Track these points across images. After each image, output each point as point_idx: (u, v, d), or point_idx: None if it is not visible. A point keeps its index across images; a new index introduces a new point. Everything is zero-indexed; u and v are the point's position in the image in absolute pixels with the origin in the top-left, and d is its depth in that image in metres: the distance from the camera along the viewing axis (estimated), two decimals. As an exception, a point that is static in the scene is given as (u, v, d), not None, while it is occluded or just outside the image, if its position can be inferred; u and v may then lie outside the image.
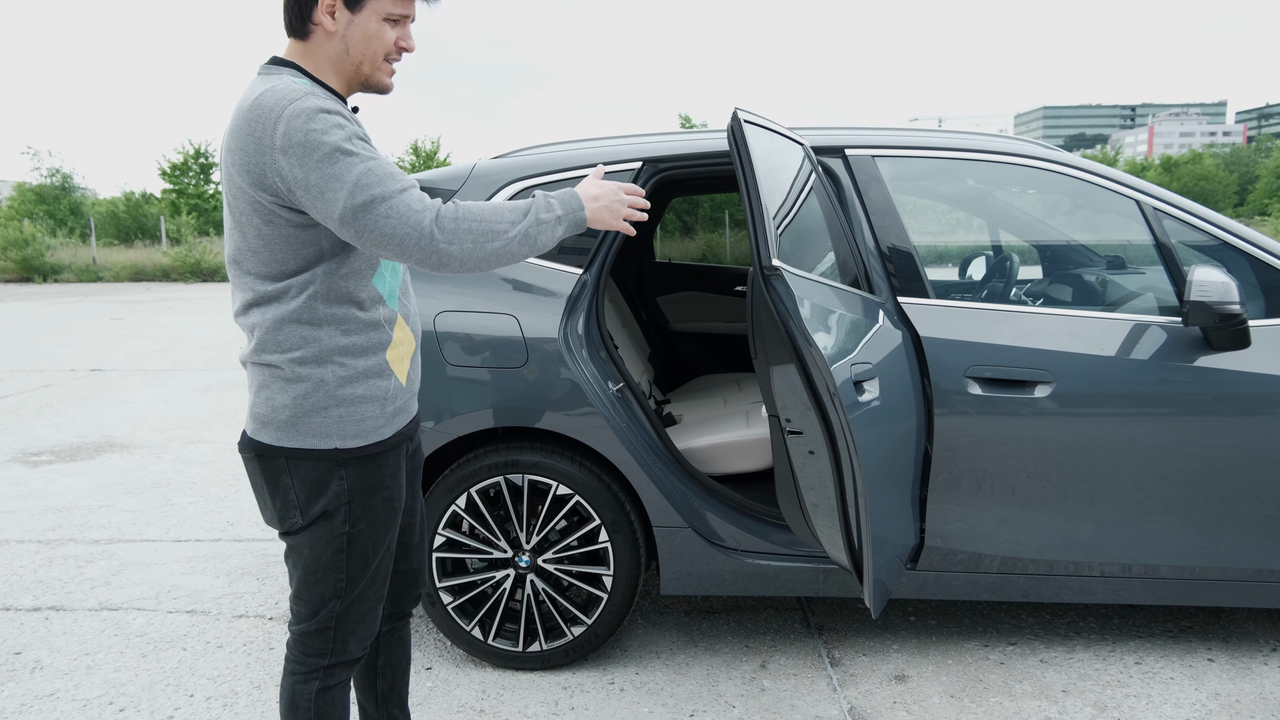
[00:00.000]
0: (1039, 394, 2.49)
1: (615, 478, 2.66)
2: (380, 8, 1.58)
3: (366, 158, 1.50)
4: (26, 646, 2.94)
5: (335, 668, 1.74)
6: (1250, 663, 2.70)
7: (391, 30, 1.61)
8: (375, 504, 1.69)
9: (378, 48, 1.61)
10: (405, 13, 1.61)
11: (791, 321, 2.07)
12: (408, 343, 1.73)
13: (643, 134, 3.02)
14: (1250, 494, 2.49)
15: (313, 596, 1.70)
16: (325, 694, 1.73)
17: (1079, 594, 2.63)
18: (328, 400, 1.61)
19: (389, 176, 1.50)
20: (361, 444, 1.64)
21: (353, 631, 1.73)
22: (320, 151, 1.48)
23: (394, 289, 1.71)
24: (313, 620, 1.71)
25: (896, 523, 2.39)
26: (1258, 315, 2.55)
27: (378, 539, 1.71)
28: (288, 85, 1.53)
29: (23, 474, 5.04)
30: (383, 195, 1.48)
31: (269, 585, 3.42)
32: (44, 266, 24.09)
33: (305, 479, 1.63)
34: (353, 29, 1.58)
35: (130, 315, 14.10)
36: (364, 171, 1.48)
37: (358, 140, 1.52)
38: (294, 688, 1.73)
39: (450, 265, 1.53)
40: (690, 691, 2.62)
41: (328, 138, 1.48)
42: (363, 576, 1.70)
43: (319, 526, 1.65)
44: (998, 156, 2.76)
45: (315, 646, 1.72)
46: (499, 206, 1.53)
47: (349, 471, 1.64)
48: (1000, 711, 2.47)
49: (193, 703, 2.58)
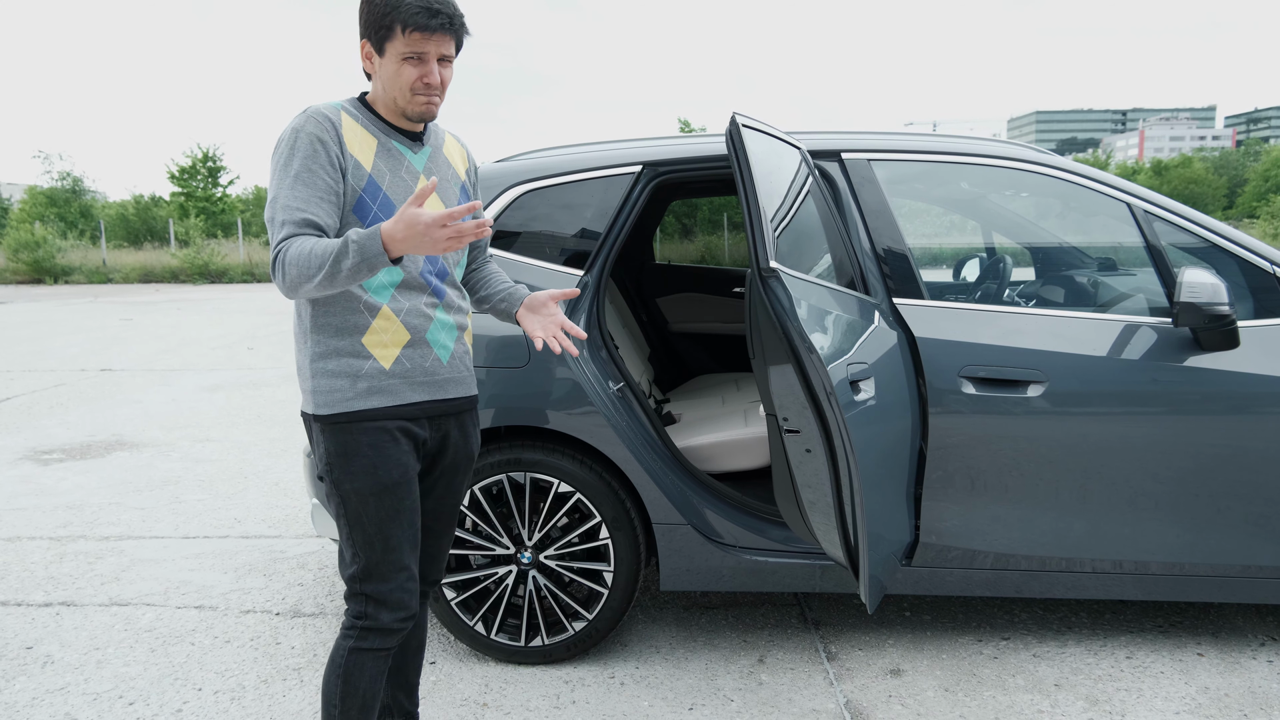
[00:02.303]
0: (1032, 393, 2.53)
1: (616, 476, 2.70)
2: (396, 50, 1.81)
3: (294, 184, 1.75)
4: (38, 641, 2.99)
5: (369, 632, 1.90)
6: (1239, 657, 2.74)
7: (412, 68, 1.82)
8: (354, 469, 1.85)
9: (402, 84, 1.83)
10: (417, 51, 1.80)
11: (789, 322, 2.10)
12: (394, 333, 1.87)
13: (642, 138, 3.05)
14: (1239, 491, 2.53)
15: (344, 558, 1.92)
16: (356, 654, 1.91)
17: (1071, 590, 2.67)
18: (307, 371, 1.87)
19: (283, 209, 1.74)
20: (329, 412, 1.84)
21: (381, 599, 1.89)
22: (276, 161, 1.78)
23: (387, 284, 1.86)
24: (348, 582, 1.91)
25: (892, 520, 2.42)
26: (1246, 316, 2.59)
27: (366, 504, 1.85)
28: (307, 107, 1.84)
29: (34, 472, 5.10)
30: (270, 220, 1.76)
31: (276, 581, 3.47)
32: (55, 268, 24.32)
33: (312, 439, 1.92)
34: (383, 69, 1.84)
35: (139, 316, 14.16)
36: (279, 195, 1.75)
37: (313, 168, 1.76)
38: (338, 642, 1.94)
39: (291, 295, 1.75)
40: (689, 685, 2.66)
41: (283, 152, 1.77)
42: (365, 540, 1.87)
43: (323, 484, 1.91)
44: (991, 160, 2.80)
45: (354, 608, 1.92)
46: (313, 252, 1.67)
47: (326, 436, 1.86)
48: (994, 705, 2.51)
49: (201, 696, 2.63)
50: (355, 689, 1.90)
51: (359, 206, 1.81)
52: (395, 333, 1.86)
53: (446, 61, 1.85)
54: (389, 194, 1.84)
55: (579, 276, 2.76)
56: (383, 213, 1.83)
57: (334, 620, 3.11)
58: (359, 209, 1.81)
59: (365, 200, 1.81)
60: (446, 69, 1.86)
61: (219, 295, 18.90)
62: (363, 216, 1.81)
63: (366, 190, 1.81)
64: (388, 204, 1.84)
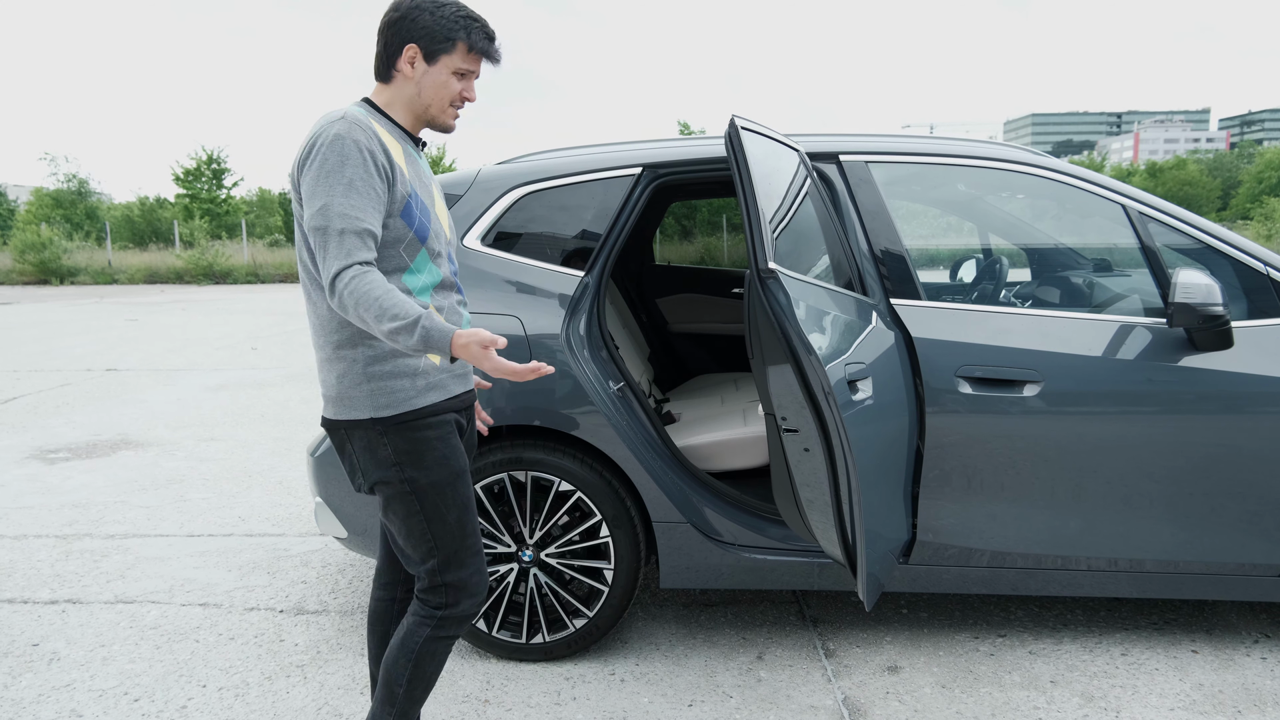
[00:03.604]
0: (1028, 393, 2.55)
1: (616, 474, 2.73)
2: (451, 63, 1.88)
3: (348, 192, 1.72)
4: (44, 638, 3.01)
5: (446, 621, 1.95)
6: (1233, 654, 2.77)
7: (458, 83, 1.90)
8: (429, 463, 1.88)
9: (445, 96, 1.90)
10: (472, 69, 1.91)
11: (787, 322, 2.12)
12: None
13: (642, 140, 3.07)
14: (1233, 490, 2.55)
15: (416, 556, 1.94)
16: (430, 644, 1.95)
17: (1067, 587, 2.70)
18: (360, 377, 1.85)
19: (340, 216, 1.71)
20: (394, 413, 1.85)
21: (463, 586, 1.94)
22: (324, 167, 1.74)
23: (428, 285, 1.90)
24: (424, 579, 1.94)
25: (889, 518, 2.44)
26: (1240, 316, 2.60)
27: (444, 495, 1.89)
28: (341, 111, 1.80)
29: (41, 470, 5.13)
30: (323, 228, 1.72)
31: (280, 579, 3.49)
32: (61, 269, 24.48)
33: (361, 445, 1.89)
34: (426, 78, 1.88)
35: (144, 316, 14.20)
36: (331, 203, 1.72)
37: (363, 177, 1.74)
38: (411, 628, 1.96)
39: (342, 315, 1.75)
40: (689, 682, 2.69)
41: (331, 159, 1.74)
42: (445, 531, 1.92)
43: (384, 489, 1.90)
44: (987, 162, 2.82)
45: (434, 599, 1.95)
46: (382, 304, 1.67)
47: (391, 438, 1.86)
48: (990, 702, 2.54)
49: (205, 693, 2.65)
50: (423, 673, 1.96)
51: (406, 211, 1.84)
52: None
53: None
54: (422, 198, 1.90)
55: (579, 277, 2.78)
56: (423, 216, 1.88)
57: (337, 617, 3.14)
58: (406, 213, 1.84)
59: (411, 205, 1.85)
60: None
61: (223, 296, 18.95)
62: (410, 221, 1.85)
63: (412, 196, 1.86)
64: (424, 208, 1.90)
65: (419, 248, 1.88)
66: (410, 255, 1.86)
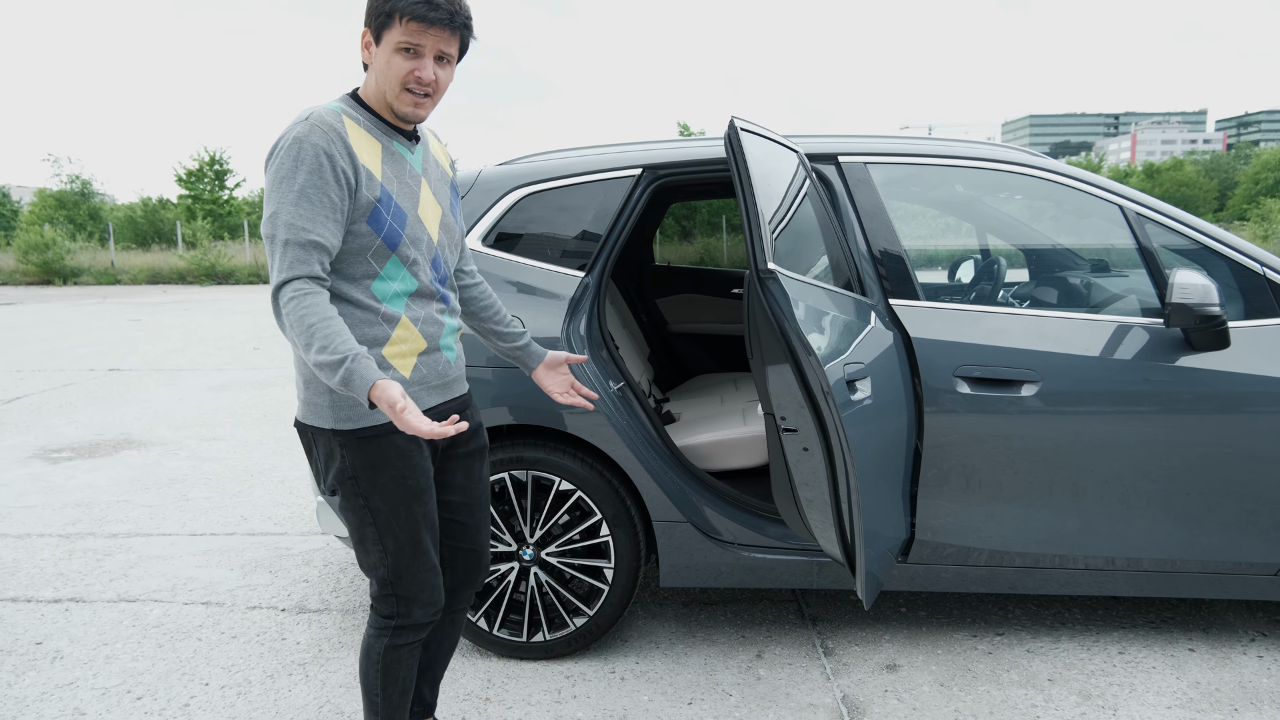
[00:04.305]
0: (1025, 393, 2.56)
1: (616, 474, 2.74)
2: (392, 38, 1.73)
3: (298, 200, 1.66)
4: (47, 637, 3.03)
5: (403, 629, 1.94)
6: (1230, 652, 2.78)
7: (405, 61, 1.74)
8: (384, 481, 1.83)
9: (393, 76, 1.75)
10: (413, 42, 1.72)
11: (786, 323, 2.13)
12: (412, 342, 1.85)
13: (642, 141, 3.08)
14: (1229, 489, 2.56)
15: (367, 563, 1.91)
16: (393, 651, 1.95)
17: (1064, 586, 2.71)
18: (324, 386, 1.79)
19: (287, 227, 1.66)
20: (353, 426, 1.80)
21: (413, 598, 1.92)
22: (279, 172, 1.69)
23: (401, 293, 1.83)
24: (375, 586, 1.93)
25: (888, 517, 2.45)
26: (1237, 316, 2.62)
27: (397, 513, 1.85)
28: (310, 109, 1.75)
29: (44, 470, 5.15)
30: (271, 236, 1.68)
31: (281, 578, 3.51)
32: (64, 270, 24.60)
33: (322, 451, 1.86)
34: (378, 59, 1.76)
35: (147, 317, 14.22)
36: (280, 210, 1.67)
37: (316, 184, 1.67)
38: (370, 640, 1.96)
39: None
40: (689, 680, 2.70)
41: (286, 164, 1.68)
42: (397, 546, 1.87)
43: (340, 496, 1.87)
44: (986, 163, 2.83)
45: (384, 609, 1.94)
46: (314, 330, 1.62)
47: (349, 451, 1.81)
48: (988, 700, 2.55)
49: (208, 691, 2.67)
50: (394, 679, 1.97)
51: (374, 217, 1.75)
52: (414, 342, 1.85)
53: (445, 61, 1.78)
54: (399, 202, 1.80)
55: (580, 277, 2.79)
56: (396, 222, 1.78)
57: (339, 616, 3.15)
58: (374, 219, 1.75)
59: (380, 210, 1.76)
60: (444, 69, 1.78)
61: (225, 296, 18.96)
62: (378, 228, 1.76)
63: (381, 200, 1.76)
64: (399, 213, 1.80)
65: (388, 255, 1.78)
66: (379, 262, 1.78)
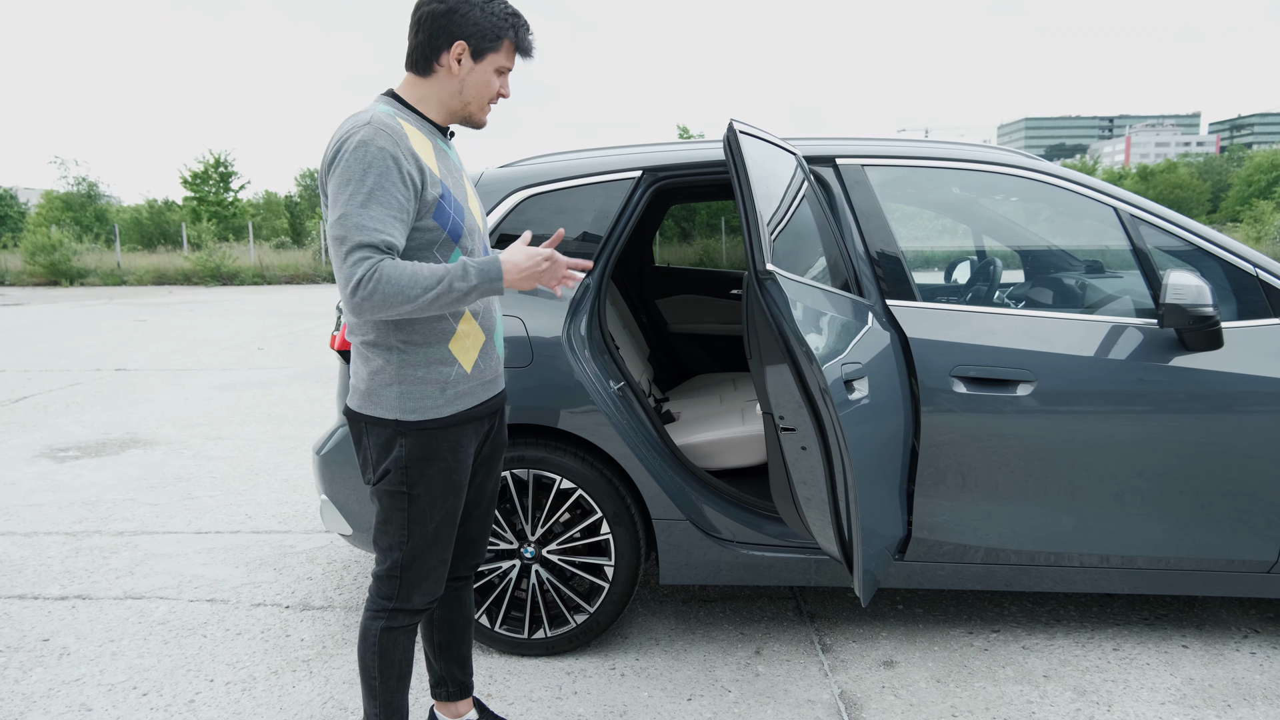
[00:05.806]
0: (1021, 392, 2.58)
1: (616, 473, 2.76)
2: (496, 61, 1.88)
3: (367, 202, 1.70)
4: (54, 634, 3.06)
5: (399, 612, 1.99)
6: (1223, 649, 2.81)
7: (497, 80, 1.91)
8: (431, 473, 1.90)
9: (486, 94, 1.91)
10: (509, 66, 1.92)
11: (785, 323, 2.15)
12: (474, 335, 1.94)
13: (642, 144, 3.10)
14: (1223, 487, 2.59)
15: (383, 544, 1.97)
16: (389, 633, 2.00)
17: (1059, 583, 2.74)
18: (391, 378, 1.86)
19: (357, 229, 1.69)
20: (418, 419, 1.88)
21: (416, 585, 1.98)
22: (346, 175, 1.72)
23: None
24: (383, 565, 1.98)
25: (885, 515, 2.47)
26: (1230, 317, 2.64)
27: (434, 504, 1.92)
28: (368, 113, 1.78)
29: (51, 469, 5.18)
30: (341, 238, 1.70)
31: (286, 575, 3.54)
32: (71, 271, 24.77)
33: (376, 441, 1.91)
34: (472, 75, 1.88)
35: (153, 317, 14.29)
36: (350, 212, 1.70)
37: (385, 187, 1.71)
38: (366, 622, 2.02)
39: (367, 314, 1.72)
40: (688, 676, 2.73)
41: (354, 167, 1.71)
42: (423, 535, 1.93)
43: (385, 483, 1.92)
44: (982, 165, 2.86)
45: (385, 589, 1.99)
46: (418, 273, 1.70)
47: (408, 441, 1.88)
48: (984, 696, 2.57)
49: (213, 687, 2.70)
50: (391, 661, 2.01)
51: (439, 212, 1.82)
52: (475, 335, 1.94)
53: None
54: (455, 195, 1.88)
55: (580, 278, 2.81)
56: (456, 215, 1.86)
57: (342, 613, 3.18)
58: (439, 214, 1.82)
59: (444, 205, 1.83)
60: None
61: (230, 297, 19.03)
62: (443, 221, 1.83)
63: (444, 196, 1.83)
64: (458, 206, 1.88)
65: (452, 247, 1.86)
66: (444, 254, 1.85)
